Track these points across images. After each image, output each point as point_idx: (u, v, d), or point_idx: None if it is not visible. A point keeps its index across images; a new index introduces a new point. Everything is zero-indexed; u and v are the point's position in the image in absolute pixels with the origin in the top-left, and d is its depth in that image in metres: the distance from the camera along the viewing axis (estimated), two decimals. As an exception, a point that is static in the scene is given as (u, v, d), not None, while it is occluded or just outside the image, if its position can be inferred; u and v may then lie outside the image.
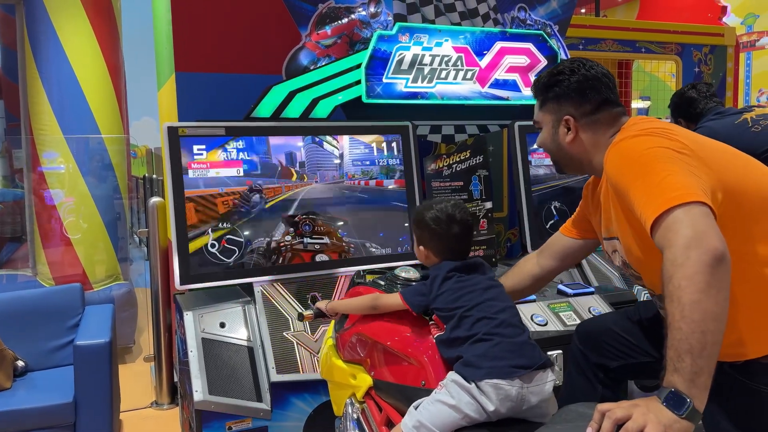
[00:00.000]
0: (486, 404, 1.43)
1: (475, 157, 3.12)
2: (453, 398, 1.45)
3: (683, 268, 1.14)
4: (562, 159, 1.71)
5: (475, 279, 1.64)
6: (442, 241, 1.70)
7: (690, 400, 1.09)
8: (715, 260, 1.14)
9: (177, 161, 2.56)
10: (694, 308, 1.12)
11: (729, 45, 4.53)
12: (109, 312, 3.11)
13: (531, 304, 2.56)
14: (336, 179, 2.82)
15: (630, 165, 1.37)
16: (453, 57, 3.00)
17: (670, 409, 1.08)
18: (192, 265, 2.53)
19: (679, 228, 1.18)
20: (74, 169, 4.14)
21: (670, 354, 1.13)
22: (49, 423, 2.57)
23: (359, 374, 1.84)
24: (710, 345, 1.12)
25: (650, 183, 1.28)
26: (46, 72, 4.03)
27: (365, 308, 1.79)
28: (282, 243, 2.68)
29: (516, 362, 1.46)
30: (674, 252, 1.17)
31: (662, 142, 1.37)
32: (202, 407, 2.27)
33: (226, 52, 2.94)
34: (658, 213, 1.22)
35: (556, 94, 1.65)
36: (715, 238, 1.16)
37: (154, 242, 3.43)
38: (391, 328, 1.73)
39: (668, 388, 1.11)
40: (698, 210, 1.20)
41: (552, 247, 1.95)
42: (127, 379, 3.53)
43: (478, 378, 1.45)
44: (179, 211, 2.53)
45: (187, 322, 2.45)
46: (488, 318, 1.53)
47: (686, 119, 3.07)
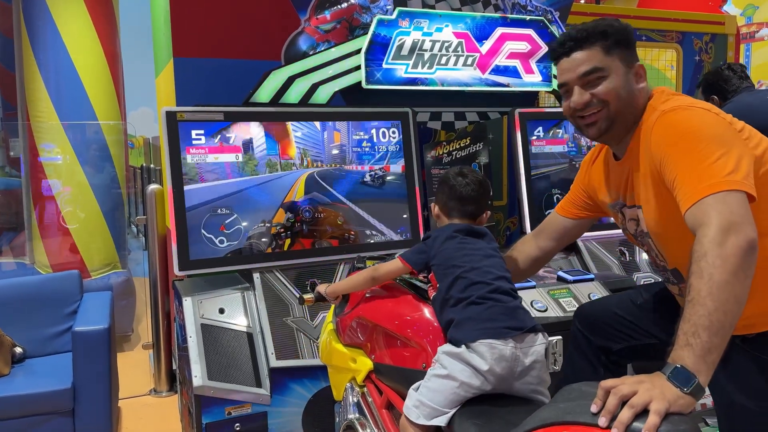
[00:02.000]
0: (479, 364, 1.43)
1: (475, 145, 3.10)
2: (446, 368, 1.46)
3: (721, 248, 1.18)
4: (626, 111, 1.56)
5: (478, 244, 1.66)
6: (451, 193, 1.73)
7: (696, 376, 1.10)
8: (750, 248, 1.19)
9: (175, 146, 2.54)
10: (722, 288, 1.15)
11: (730, 34, 4.51)
12: (107, 299, 3.10)
13: (531, 291, 2.56)
14: (336, 165, 2.80)
15: (682, 138, 1.36)
16: (453, 43, 2.98)
17: (675, 385, 1.08)
18: (191, 252, 2.52)
19: (721, 210, 1.22)
20: (72, 158, 4.12)
21: (685, 328, 1.15)
22: (48, 409, 2.56)
23: (359, 358, 1.83)
24: (728, 326, 1.15)
25: (701, 161, 1.30)
26: (44, 59, 4.01)
27: (365, 281, 1.79)
28: (281, 229, 2.66)
29: (508, 324, 1.48)
30: (713, 231, 1.20)
31: (716, 121, 1.38)
32: (201, 392, 2.27)
33: (225, 38, 2.92)
34: (705, 194, 1.25)
35: (628, 41, 1.56)
36: (752, 228, 1.21)
37: (153, 229, 3.42)
38: (391, 310, 1.72)
39: (674, 363, 1.12)
40: (740, 198, 1.25)
41: (549, 228, 1.94)
42: (125, 367, 3.52)
43: (471, 339, 1.46)
44: (178, 196, 2.51)
45: (186, 307, 2.44)
46: (484, 283, 1.55)
47: (719, 97, 3.12)
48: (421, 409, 1.48)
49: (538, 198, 3.14)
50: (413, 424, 1.50)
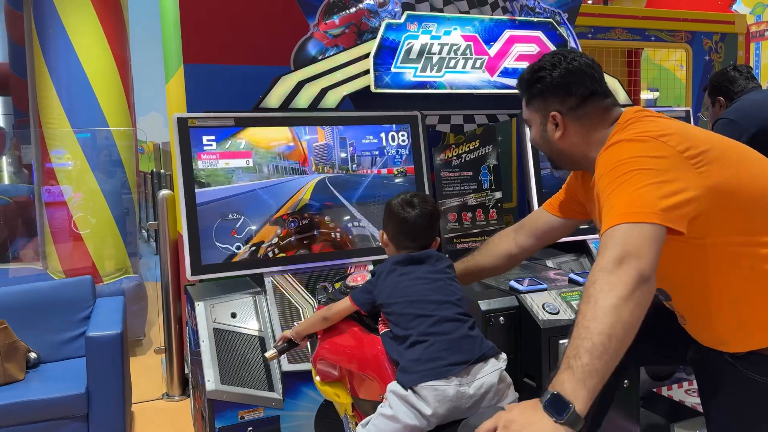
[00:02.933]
0: (423, 409, 1.43)
1: (485, 147, 3.10)
2: (392, 409, 1.47)
3: (610, 276, 1.16)
4: (555, 156, 1.66)
5: (417, 272, 1.64)
6: (397, 224, 1.73)
7: (572, 404, 1.06)
8: (641, 279, 1.16)
9: (186, 152, 2.55)
10: (609, 311, 1.12)
11: (740, 33, 4.48)
12: (119, 304, 3.12)
13: (542, 293, 2.55)
14: (345, 169, 2.81)
15: (613, 170, 1.34)
16: (462, 46, 2.98)
17: (550, 415, 1.06)
18: (202, 257, 2.54)
19: (620, 241, 1.20)
20: (83, 164, 4.16)
21: (568, 351, 1.12)
22: (62, 414, 2.59)
23: (341, 393, 1.86)
24: (612, 351, 1.11)
25: (622, 192, 1.27)
26: (55, 66, 4.05)
27: (319, 322, 1.80)
28: (290, 234, 2.67)
29: (451, 360, 1.46)
30: (606, 260, 1.18)
31: (656, 150, 1.33)
32: (214, 397, 2.28)
33: (235, 43, 2.94)
34: (613, 224, 1.23)
35: (540, 90, 1.58)
36: (647, 262, 1.17)
37: (164, 234, 3.44)
38: (345, 348, 1.74)
39: (552, 390, 1.09)
40: (647, 230, 1.21)
41: (532, 225, 1.91)
42: (138, 372, 3.55)
43: (414, 383, 1.45)
44: (190, 201, 2.53)
45: (198, 312, 2.46)
46: (425, 316, 1.53)
47: (725, 98, 3.09)
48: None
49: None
50: None
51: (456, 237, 3.07)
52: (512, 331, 2.41)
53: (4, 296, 2.94)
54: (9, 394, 2.56)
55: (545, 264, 2.98)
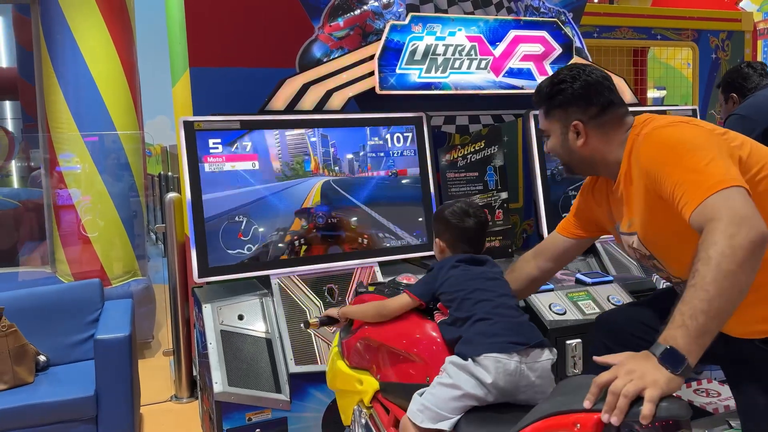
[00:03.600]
0: (484, 377, 1.46)
1: (490, 148, 3.10)
2: (452, 378, 1.50)
3: (732, 239, 1.20)
4: (575, 162, 1.74)
5: (480, 270, 1.71)
6: (456, 233, 1.79)
7: (686, 357, 1.13)
8: (761, 240, 1.21)
9: (193, 155, 2.57)
10: (728, 276, 1.17)
11: (746, 30, 4.46)
12: (128, 306, 3.14)
13: (549, 293, 2.55)
14: (350, 171, 2.82)
15: (670, 151, 1.41)
16: (466, 46, 2.98)
17: (666, 367, 1.12)
18: (209, 259, 2.55)
19: (730, 205, 1.25)
20: (91, 167, 4.18)
21: (683, 309, 1.17)
22: (71, 416, 2.60)
23: (366, 379, 1.86)
24: (725, 313, 1.18)
25: (694, 168, 1.34)
26: (62, 71, 4.07)
27: (372, 315, 1.83)
28: (296, 236, 2.68)
29: (514, 339, 1.52)
30: (725, 223, 1.22)
31: (697, 131, 1.43)
32: (222, 398, 2.29)
33: (240, 47, 2.95)
34: (708, 194, 1.28)
35: (561, 102, 1.67)
36: (761, 222, 1.23)
37: (172, 237, 3.45)
38: (395, 329, 1.75)
39: (665, 345, 1.15)
40: (744, 193, 1.28)
41: (549, 249, 1.96)
42: (146, 374, 3.56)
43: (476, 353, 1.49)
44: (196, 204, 2.54)
45: (206, 314, 2.47)
46: (488, 300, 1.60)
47: (738, 95, 3.11)
48: (425, 413, 1.51)
49: (555, 200, 3.13)
50: (416, 427, 1.52)
51: (462, 238, 3.06)
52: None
53: (14, 300, 2.96)
54: (19, 396, 2.58)
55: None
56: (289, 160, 2.72)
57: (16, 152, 8.24)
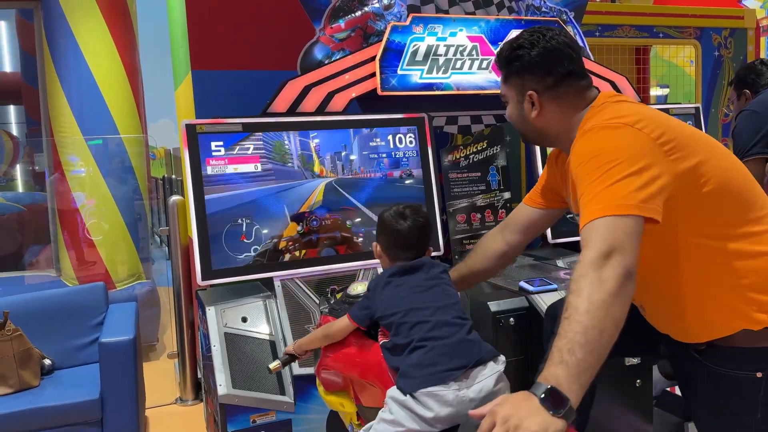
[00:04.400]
0: (423, 413, 1.43)
1: (493, 148, 3.10)
2: (392, 414, 1.47)
3: (599, 271, 1.16)
4: (529, 134, 1.66)
5: (413, 280, 1.65)
6: (390, 236, 1.74)
7: (569, 398, 1.06)
8: (627, 274, 1.17)
9: (195, 158, 2.57)
10: (601, 306, 1.13)
11: (749, 28, 4.44)
12: (132, 310, 3.15)
13: (552, 293, 2.54)
14: (352, 172, 2.82)
15: (590, 160, 1.33)
16: (468, 46, 2.98)
17: (547, 408, 1.05)
18: (213, 261, 2.55)
19: (605, 235, 1.20)
20: (95, 171, 4.19)
21: (560, 344, 1.12)
22: (77, 420, 2.61)
23: (346, 402, 1.87)
24: (603, 346, 1.12)
25: (601, 183, 1.27)
26: (66, 75, 4.09)
27: (320, 339, 1.80)
28: (299, 238, 2.68)
29: (450, 365, 1.46)
30: (593, 254, 1.18)
31: (631, 139, 1.33)
32: (226, 401, 2.29)
33: (241, 49, 2.95)
34: (596, 216, 1.23)
35: (517, 68, 1.57)
36: (631, 256, 1.19)
37: (175, 240, 3.46)
38: (349, 357, 1.74)
39: (547, 383, 1.08)
40: (629, 223, 1.22)
41: (516, 220, 1.90)
42: (151, 377, 3.57)
43: (413, 389, 1.45)
44: (199, 207, 2.55)
45: (209, 317, 2.47)
46: (423, 322, 1.54)
47: (751, 91, 3.10)
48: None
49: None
50: None
51: (465, 238, 3.06)
52: (522, 332, 2.40)
53: (19, 303, 2.97)
54: (24, 400, 2.59)
55: (555, 264, 2.97)
56: (291, 162, 2.73)
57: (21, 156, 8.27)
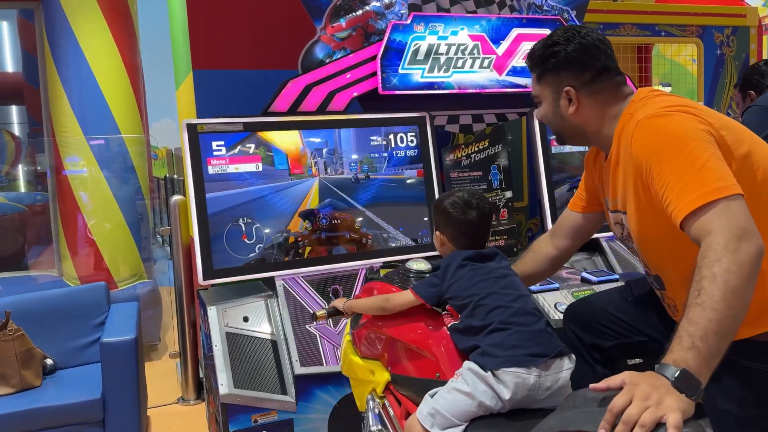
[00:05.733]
0: (502, 392, 1.43)
1: (494, 147, 3.09)
2: (468, 386, 1.45)
3: (735, 255, 1.15)
4: (566, 131, 1.65)
5: (489, 267, 1.63)
6: (457, 226, 1.70)
7: (701, 381, 1.08)
8: (760, 255, 1.17)
9: (197, 158, 2.57)
10: (736, 294, 1.13)
11: (752, 25, 4.43)
12: (134, 309, 3.14)
13: (554, 293, 2.54)
14: (354, 171, 2.82)
15: (665, 146, 1.33)
16: (469, 45, 2.98)
17: (681, 391, 1.05)
18: (214, 261, 2.55)
19: (729, 219, 1.20)
20: (96, 171, 4.19)
21: (691, 330, 1.12)
22: (78, 419, 2.61)
23: (377, 370, 1.84)
24: (733, 333, 1.14)
25: (688, 168, 1.27)
26: (67, 75, 4.08)
27: (376, 309, 1.78)
28: (300, 237, 2.68)
29: (533, 350, 1.45)
30: (726, 238, 1.17)
31: (695, 123, 1.35)
32: (227, 401, 2.29)
33: (242, 49, 2.95)
34: (702, 203, 1.22)
35: (554, 65, 1.58)
36: (758, 234, 1.19)
37: (177, 240, 3.46)
38: (404, 322, 1.72)
39: (678, 366, 1.08)
40: (741, 203, 1.23)
41: (564, 226, 1.91)
42: (153, 376, 3.57)
43: (496, 367, 1.44)
44: (201, 207, 2.54)
45: (211, 317, 2.47)
46: (504, 307, 1.52)
47: (756, 92, 3.15)
48: (436, 418, 1.47)
49: (560, 198, 3.11)
50: (424, 430, 1.49)
51: (467, 237, 3.05)
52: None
53: (21, 303, 2.97)
54: (26, 400, 2.59)
55: (557, 263, 2.96)
56: (293, 162, 2.72)
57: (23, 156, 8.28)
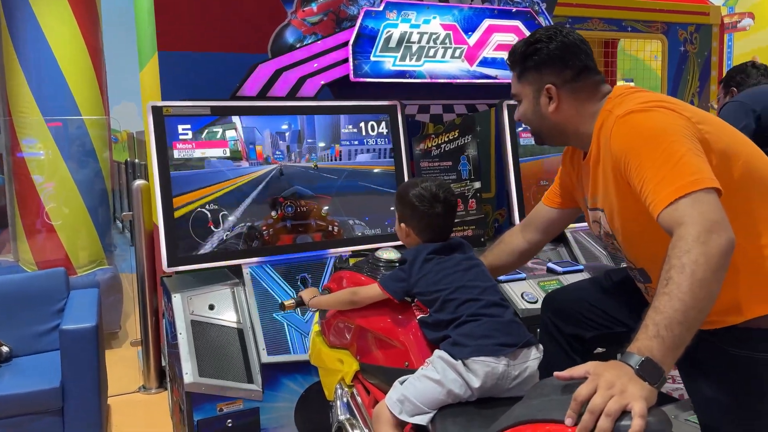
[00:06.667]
0: (471, 381, 1.44)
1: (464, 137, 3.10)
2: (438, 373, 1.46)
3: (705, 246, 1.16)
4: (546, 130, 1.65)
5: (455, 259, 1.63)
6: (423, 219, 1.68)
7: (664, 369, 1.10)
8: (730, 248, 1.18)
9: (162, 141, 2.51)
10: (703, 285, 1.14)
11: (714, 24, 4.53)
12: (94, 296, 3.07)
13: (521, 282, 2.57)
14: (323, 159, 2.79)
15: (642, 141, 1.35)
16: (441, 35, 2.97)
17: (645, 380, 1.08)
18: (179, 248, 2.50)
19: (701, 210, 1.21)
20: (55, 153, 4.06)
21: (657, 319, 1.13)
22: (36, 408, 2.54)
23: (346, 359, 1.84)
24: (698, 324, 1.15)
25: (665, 162, 1.28)
26: (24, 53, 3.94)
27: (344, 304, 1.77)
28: (268, 225, 2.65)
29: (502, 340, 1.47)
30: (697, 229, 1.18)
31: (673, 118, 1.36)
32: (192, 389, 2.25)
33: (210, 31, 2.88)
34: (679, 195, 1.24)
35: (536, 62, 1.57)
36: (730, 228, 1.20)
37: (139, 225, 3.38)
38: (373, 312, 1.71)
39: (641, 355, 1.10)
40: (714, 196, 1.24)
41: (536, 220, 1.93)
42: (114, 365, 3.50)
43: (465, 356, 1.45)
44: (165, 191, 2.49)
45: (175, 304, 2.42)
46: (472, 300, 1.53)
47: (738, 90, 3.34)
48: (405, 405, 1.48)
49: (527, 190, 3.15)
50: (392, 417, 1.50)
51: (435, 227, 3.06)
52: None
53: (-25, 289, 2.88)
54: (-20, 389, 2.51)
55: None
56: (262, 148, 2.68)
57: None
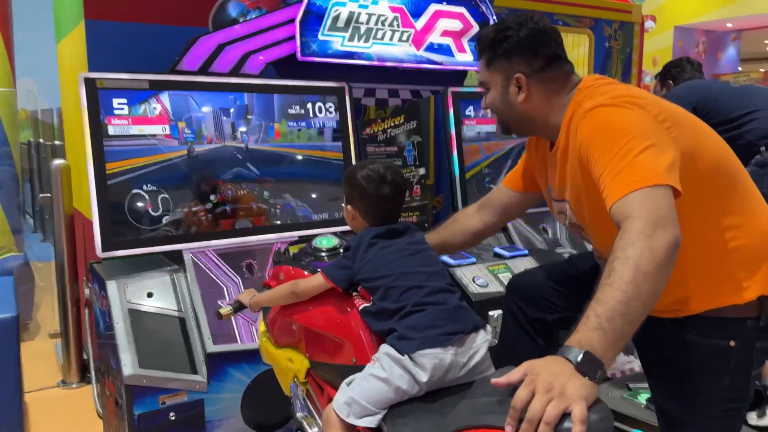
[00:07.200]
0: (419, 375, 1.40)
1: (409, 123, 3.08)
2: (385, 371, 1.41)
3: (649, 240, 1.15)
4: (514, 120, 1.62)
5: (399, 244, 1.58)
6: (371, 201, 1.63)
7: (603, 363, 1.07)
8: (676, 245, 1.17)
9: (95, 116, 2.32)
10: (647, 278, 1.12)
11: (636, 22, 4.74)
12: (9, 284, 2.82)
13: (471, 267, 2.59)
14: (267, 140, 2.68)
15: (605, 135, 1.34)
16: (389, 17, 2.92)
17: (582, 373, 1.04)
18: (114, 232, 2.33)
19: (649, 205, 1.19)
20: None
21: (599, 310, 1.11)
22: (-53, 408, 2.30)
23: (296, 357, 1.77)
24: (640, 318, 1.13)
25: (624, 157, 1.27)
26: None
27: (286, 298, 1.69)
28: (210, 208, 2.51)
29: (449, 329, 1.43)
30: (642, 223, 1.17)
31: (638, 115, 1.36)
32: (132, 382, 2.11)
33: (144, 0, 2.68)
34: (631, 189, 1.22)
35: (505, 50, 1.54)
36: (677, 226, 1.19)
37: (59, 209, 3.12)
38: (313, 308, 1.66)
39: (580, 349, 1.07)
40: (666, 193, 1.22)
41: (494, 202, 1.90)
42: (27, 359, 3.20)
43: (412, 350, 1.40)
44: (99, 170, 2.30)
45: (110, 292, 2.25)
46: (417, 287, 1.48)
47: (674, 83, 3.63)
48: (352, 407, 1.42)
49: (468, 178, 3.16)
50: (340, 421, 1.43)
51: (380, 212, 3.03)
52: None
53: None
54: None
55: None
56: (203, 126, 2.53)
57: None
